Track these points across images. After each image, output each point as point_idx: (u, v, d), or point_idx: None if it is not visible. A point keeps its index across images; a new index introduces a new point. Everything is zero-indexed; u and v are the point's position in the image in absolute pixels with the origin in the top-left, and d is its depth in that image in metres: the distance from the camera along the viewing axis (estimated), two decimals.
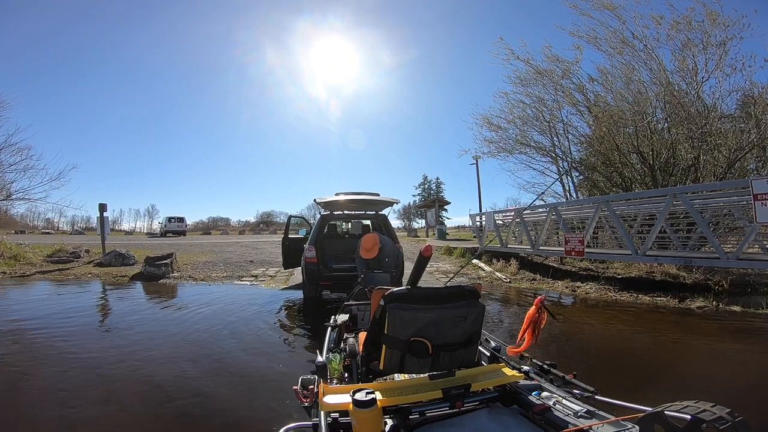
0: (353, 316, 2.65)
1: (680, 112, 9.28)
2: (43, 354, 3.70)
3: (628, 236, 6.69)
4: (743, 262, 5.30)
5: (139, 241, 18.27)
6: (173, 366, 3.39)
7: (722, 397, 1.03)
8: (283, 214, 58.18)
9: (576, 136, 12.26)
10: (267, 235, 31.26)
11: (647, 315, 5.25)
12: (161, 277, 8.30)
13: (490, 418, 1.24)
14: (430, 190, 58.38)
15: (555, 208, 8.33)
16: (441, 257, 11.61)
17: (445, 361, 1.45)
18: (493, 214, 10.78)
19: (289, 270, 8.32)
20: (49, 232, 35.59)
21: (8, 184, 11.80)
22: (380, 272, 4.11)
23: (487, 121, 13.16)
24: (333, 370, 1.72)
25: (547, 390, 1.37)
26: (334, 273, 5.69)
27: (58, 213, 48.87)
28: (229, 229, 48.08)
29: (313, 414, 1.28)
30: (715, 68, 9.13)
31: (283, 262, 7.41)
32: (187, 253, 11.61)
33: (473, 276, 8.85)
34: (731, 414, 0.85)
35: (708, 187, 7.10)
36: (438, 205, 25.23)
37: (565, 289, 7.10)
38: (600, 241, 9.37)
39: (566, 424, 1.15)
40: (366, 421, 1.04)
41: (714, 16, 8.95)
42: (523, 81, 12.29)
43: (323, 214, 6.47)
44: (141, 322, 4.88)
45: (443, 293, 1.45)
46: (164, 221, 30.25)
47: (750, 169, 9.42)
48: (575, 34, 11.07)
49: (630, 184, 10.46)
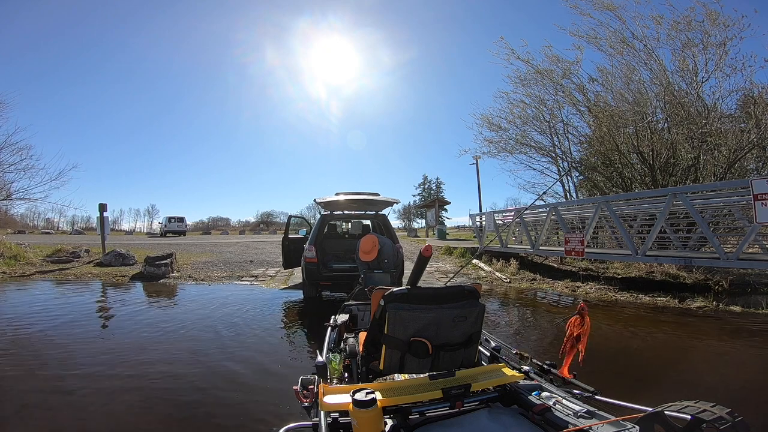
0: (353, 316, 2.66)
1: (680, 112, 9.28)
2: (43, 354, 3.69)
3: (628, 236, 6.69)
4: (743, 262, 5.30)
5: (139, 241, 18.26)
6: (173, 366, 3.40)
7: (722, 397, 1.03)
8: (283, 214, 58.26)
9: (576, 136, 12.30)
10: (267, 235, 31.27)
11: (647, 315, 5.24)
12: (161, 277, 8.30)
13: (490, 418, 1.24)
14: (430, 190, 58.48)
15: (555, 208, 8.33)
16: (441, 257, 11.60)
17: (445, 361, 1.45)
18: (493, 214, 10.77)
19: (289, 270, 8.32)
20: (49, 232, 35.60)
21: (8, 184, 11.77)
22: (380, 272, 4.11)
23: (488, 121, 13.19)
24: (333, 370, 1.72)
25: (547, 390, 1.37)
26: (334, 273, 5.70)
27: (58, 213, 49.02)
28: (229, 229, 48.09)
29: (313, 414, 1.28)
30: (715, 68, 9.14)
31: (283, 262, 7.42)
32: (187, 253, 11.61)
33: (473, 276, 8.85)
34: (731, 414, 0.85)
35: (708, 187, 7.11)
36: (438, 205, 25.19)
37: (565, 290, 7.10)
38: (600, 241, 9.37)
39: (566, 424, 1.15)
40: (366, 421, 1.04)
41: (714, 16, 8.95)
42: (523, 81, 12.31)
43: (323, 214, 6.48)
44: (140, 322, 4.88)
45: (443, 293, 1.45)
46: (164, 221, 30.26)
47: (750, 169, 9.44)
48: (575, 34, 11.08)
49: (630, 184, 10.47)
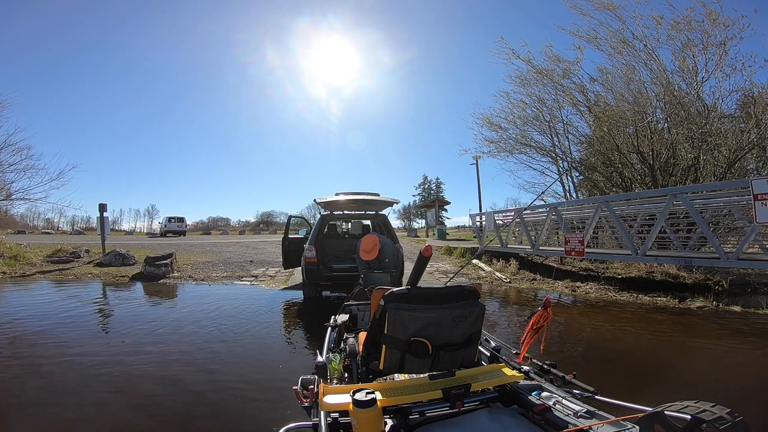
0: (353, 316, 2.66)
1: (680, 112, 9.28)
2: (43, 354, 3.69)
3: (628, 236, 6.69)
4: (743, 262, 5.30)
5: (139, 241, 18.27)
6: (172, 366, 3.40)
7: (722, 397, 1.03)
8: (283, 214, 58.22)
9: (576, 136, 12.30)
10: (267, 235, 31.26)
11: (647, 315, 5.24)
12: (161, 277, 8.30)
13: (490, 418, 1.24)
14: (430, 190, 58.46)
15: (555, 208, 8.33)
16: (441, 257, 11.60)
17: (445, 361, 1.45)
18: (493, 214, 10.77)
19: (289, 270, 8.32)
20: (49, 232, 35.55)
21: (8, 184, 11.77)
22: (380, 272, 4.12)
23: (488, 121, 13.18)
24: (333, 370, 1.72)
25: (547, 390, 1.37)
26: (334, 273, 5.70)
27: (58, 213, 48.86)
28: (229, 229, 48.06)
29: (313, 414, 1.28)
30: (715, 68, 9.14)
31: (283, 262, 7.42)
32: (187, 253, 11.61)
33: (473, 276, 8.85)
34: (731, 414, 0.85)
35: (708, 187, 7.10)
36: (438, 205, 25.18)
37: (565, 289, 7.09)
38: (600, 241, 9.37)
39: (566, 424, 1.15)
40: (366, 421, 1.04)
41: (714, 16, 8.95)
42: (523, 81, 12.31)
43: (323, 214, 6.48)
44: (140, 322, 4.87)
45: (443, 293, 1.45)
46: (164, 221, 30.27)
47: (750, 169, 9.43)
48: (575, 34, 11.08)
49: (630, 184, 10.46)
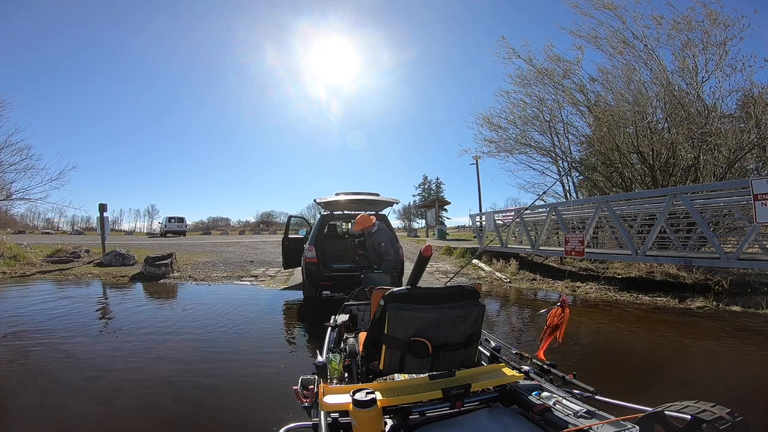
0: (353, 316, 2.65)
1: (680, 112, 9.28)
2: (43, 354, 3.69)
3: (628, 236, 6.69)
4: (743, 262, 5.30)
5: (139, 241, 18.26)
6: (172, 366, 3.40)
7: (722, 397, 1.03)
8: (283, 214, 58.21)
9: (576, 136, 12.31)
10: (267, 235, 31.25)
11: (647, 315, 5.24)
12: (161, 277, 8.30)
13: (490, 418, 1.24)
14: (430, 190, 58.46)
15: (555, 208, 8.33)
16: (441, 257, 11.60)
17: (445, 361, 1.45)
18: (493, 214, 10.77)
19: (289, 270, 8.32)
20: (49, 232, 35.54)
21: (8, 184, 11.77)
22: (380, 272, 4.12)
23: (488, 121, 13.19)
24: (333, 370, 1.72)
25: (547, 390, 1.37)
26: (333, 273, 5.70)
27: (58, 213, 48.87)
28: (229, 229, 48.04)
29: (313, 414, 1.28)
30: (715, 68, 9.15)
31: (283, 262, 7.42)
32: (187, 253, 11.61)
33: (473, 276, 8.85)
34: (731, 414, 0.85)
35: (708, 187, 7.11)
36: (438, 205, 25.18)
37: (565, 289, 7.09)
38: (600, 241, 9.37)
39: (566, 424, 1.15)
40: (366, 421, 1.04)
41: (714, 16, 8.96)
42: (524, 80, 12.33)
43: (323, 214, 6.48)
44: (140, 322, 4.87)
45: (443, 293, 1.45)
46: (164, 221, 30.25)
47: (750, 169, 9.44)
48: (576, 34, 11.10)
49: (630, 184, 10.47)
